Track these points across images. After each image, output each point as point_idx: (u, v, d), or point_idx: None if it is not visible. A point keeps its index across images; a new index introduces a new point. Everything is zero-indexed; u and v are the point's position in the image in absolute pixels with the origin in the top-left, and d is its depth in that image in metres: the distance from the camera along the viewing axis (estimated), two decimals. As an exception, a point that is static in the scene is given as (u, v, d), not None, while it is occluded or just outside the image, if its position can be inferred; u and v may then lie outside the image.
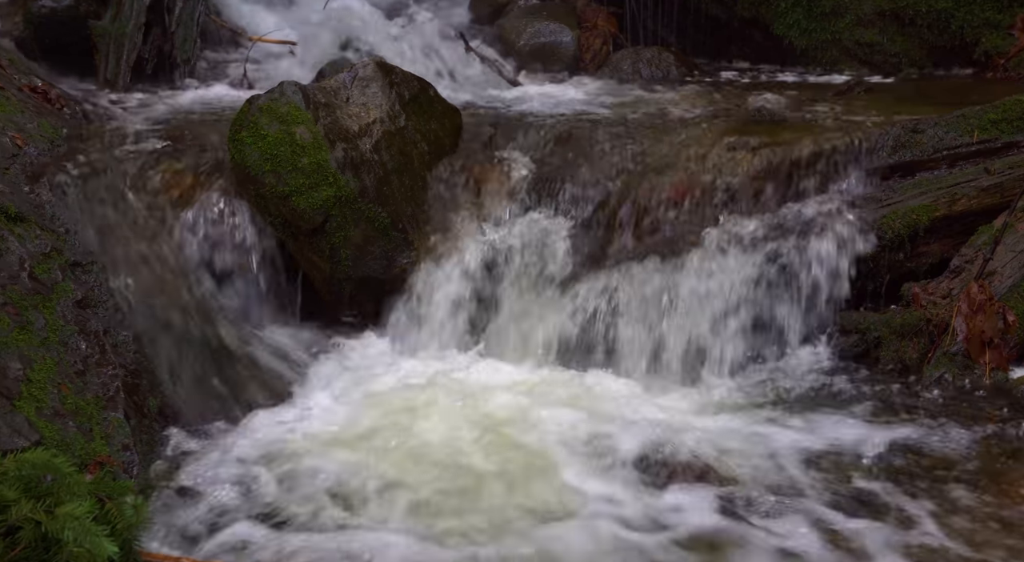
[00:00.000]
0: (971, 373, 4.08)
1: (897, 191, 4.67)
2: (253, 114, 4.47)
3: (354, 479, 3.59)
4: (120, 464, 3.46)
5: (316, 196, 4.43)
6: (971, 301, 4.14)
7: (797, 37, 6.48)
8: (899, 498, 3.47)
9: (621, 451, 3.70)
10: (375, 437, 3.83)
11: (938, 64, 6.33)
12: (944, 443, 3.75)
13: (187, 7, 6.18)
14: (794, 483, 3.57)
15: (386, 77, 4.80)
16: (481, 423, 3.89)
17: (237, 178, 4.53)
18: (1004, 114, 4.81)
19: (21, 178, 4.36)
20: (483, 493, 3.52)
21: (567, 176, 4.77)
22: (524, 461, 3.67)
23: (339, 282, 4.57)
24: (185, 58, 6.16)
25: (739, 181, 4.66)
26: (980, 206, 4.58)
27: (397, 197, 4.64)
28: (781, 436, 3.85)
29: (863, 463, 3.67)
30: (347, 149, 4.54)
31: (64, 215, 4.27)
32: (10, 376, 3.41)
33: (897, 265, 4.54)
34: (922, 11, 6.23)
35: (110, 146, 4.82)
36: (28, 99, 5.03)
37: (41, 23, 6.05)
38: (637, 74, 6.42)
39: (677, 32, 6.79)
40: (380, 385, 4.23)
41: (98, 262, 4.16)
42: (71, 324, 3.80)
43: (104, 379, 3.74)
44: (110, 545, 2.66)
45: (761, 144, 4.79)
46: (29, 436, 3.24)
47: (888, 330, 4.32)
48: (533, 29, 6.75)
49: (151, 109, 5.53)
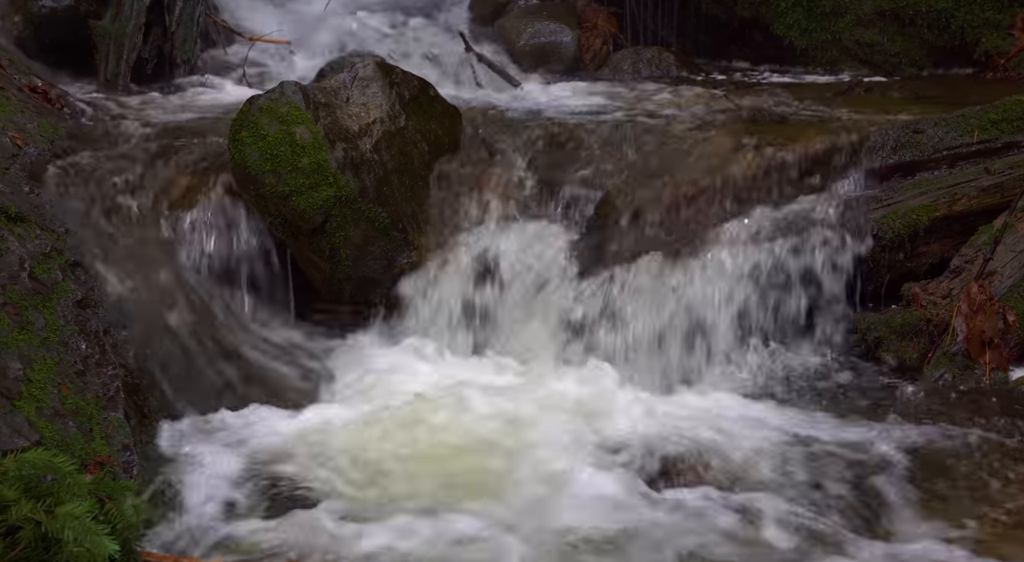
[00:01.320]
0: (971, 373, 4.08)
1: (897, 191, 4.67)
2: (253, 114, 4.47)
3: (354, 478, 3.59)
4: (120, 464, 3.46)
5: (316, 196, 4.43)
6: (971, 301, 4.14)
7: (797, 37, 6.48)
8: (899, 498, 3.47)
9: (620, 451, 3.71)
10: (375, 436, 3.82)
11: (938, 64, 6.33)
12: (944, 443, 3.75)
13: (187, 7, 6.18)
14: (794, 483, 3.56)
15: (386, 77, 4.80)
16: (480, 422, 3.89)
17: (237, 178, 4.53)
18: (1004, 114, 4.81)
19: (21, 178, 4.36)
20: (481, 491, 3.52)
21: (567, 176, 4.77)
22: (525, 461, 3.67)
23: (339, 282, 4.57)
24: (185, 58, 6.17)
25: (739, 181, 4.66)
26: (980, 206, 4.58)
27: (397, 197, 4.64)
28: (781, 436, 3.84)
29: (863, 463, 3.67)
30: (347, 149, 4.54)
31: (64, 215, 4.27)
32: (10, 376, 3.40)
33: (897, 265, 4.54)
34: (922, 11, 6.23)
35: (110, 146, 4.82)
36: (28, 99, 5.03)
37: (41, 23, 6.05)
38: (637, 74, 6.42)
39: (677, 32, 6.79)
40: (380, 385, 4.23)
41: (98, 262, 4.16)
42: (71, 324, 3.80)
43: (104, 379, 3.74)
44: (110, 544, 2.66)
45: (761, 144, 4.79)
46: (29, 436, 3.23)
47: (888, 330, 4.32)
48: (533, 29, 6.75)
49: (151, 109, 5.53)
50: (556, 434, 3.80)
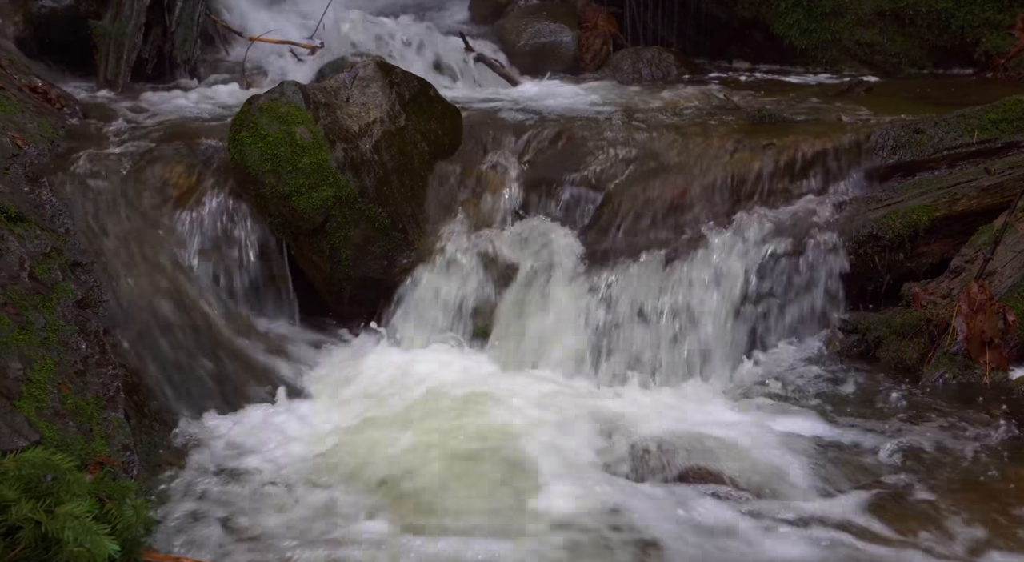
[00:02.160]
0: (971, 373, 4.08)
1: (897, 191, 4.67)
2: (253, 114, 4.47)
3: (354, 477, 3.59)
4: (120, 464, 3.46)
5: (316, 196, 4.43)
6: (971, 301, 4.14)
7: (797, 37, 6.49)
8: (899, 498, 3.47)
9: (620, 451, 3.71)
10: (374, 436, 3.83)
11: (938, 64, 6.34)
12: (944, 443, 3.75)
13: (187, 7, 6.18)
14: (793, 483, 3.57)
15: (386, 77, 4.80)
16: (479, 422, 3.89)
17: (237, 178, 4.53)
18: (1004, 114, 4.81)
19: (21, 178, 4.36)
20: (479, 491, 3.52)
21: (567, 176, 4.77)
22: (525, 462, 3.67)
23: (339, 282, 4.57)
24: (185, 58, 6.17)
25: (739, 181, 4.66)
26: (980, 206, 4.58)
27: (397, 197, 4.64)
28: (782, 436, 3.84)
29: (863, 463, 3.67)
30: (347, 149, 4.54)
31: (64, 215, 4.27)
32: (10, 376, 3.40)
33: (897, 265, 4.54)
34: (922, 11, 6.24)
35: (110, 146, 4.82)
36: (28, 99, 5.04)
37: (41, 23, 6.06)
38: (637, 74, 6.42)
39: (677, 32, 6.80)
40: (380, 385, 4.23)
41: (98, 262, 4.16)
42: (71, 324, 3.80)
43: (104, 379, 3.74)
44: (110, 544, 2.67)
45: (761, 144, 4.79)
46: (29, 436, 3.23)
47: (888, 330, 4.32)
48: (533, 29, 6.76)
49: (151, 109, 5.53)
50: (556, 433, 3.81)
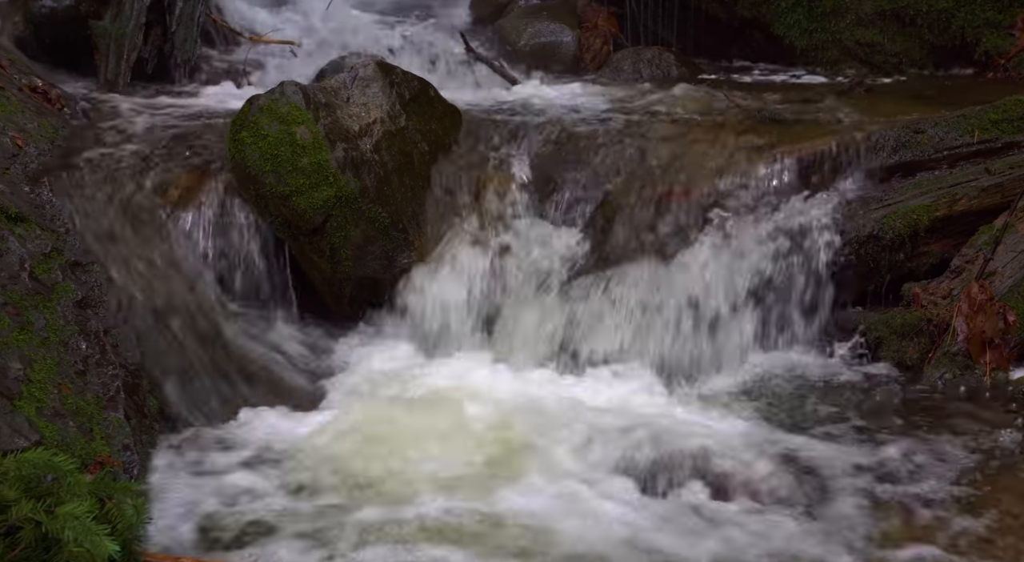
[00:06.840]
0: (971, 373, 4.08)
1: (897, 191, 4.67)
2: (253, 114, 4.47)
3: (354, 477, 3.59)
4: (120, 464, 3.46)
5: (316, 196, 4.43)
6: (971, 301, 4.14)
7: (797, 37, 6.48)
8: (900, 498, 3.47)
9: (620, 452, 3.71)
10: (375, 436, 3.82)
11: (939, 64, 6.32)
12: (945, 443, 3.75)
13: (187, 7, 6.17)
14: (792, 483, 3.56)
15: (386, 77, 4.80)
16: (480, 424, 3.89)
17: (237, 178, 4.53)
18: (1005, 114, 4.80)
19: (21, 178, 4.36)
20: (480, 492, 3.52)
21: (568, 176, 4.77)
22: (527, 463, 3.67)
23: (339, 282, 4.57)
24: (185, 58, 6.16)
25: (739, 181, 4.66)
26: (981, 206, 4.58)
27: (397, 197, 4.64)
28: (782, 436, 3.85)
29: (863, 463, 3.67)
30: (347, 149, 4.54)
31: (64, 215, 4.27)
32: (10, 376, 3.40)
33: (897, 265, 4.54)
34: (922, 11, 6.23)
35: (110, 146, 4.82)
36: (28, 99, 5.03)
37: (41, 23, 6.05)
38: (638, 74, 6.41)
39: (677, 32, 6.79)
40: (380, 385, 4.23)
41: (98, 262, 4.16)
42: (71, 324, 3.80)
43: (104, 379, 3.74)
44: (110, 544, 2.67)
45: (761, 144, 4.79)
46: (29, 436, 3.23)
47: (888, 330, 4.32)
48: (533, 29, 6.75)
49: (151, 109, 5.52)
50: (557, 434, 3.81)
